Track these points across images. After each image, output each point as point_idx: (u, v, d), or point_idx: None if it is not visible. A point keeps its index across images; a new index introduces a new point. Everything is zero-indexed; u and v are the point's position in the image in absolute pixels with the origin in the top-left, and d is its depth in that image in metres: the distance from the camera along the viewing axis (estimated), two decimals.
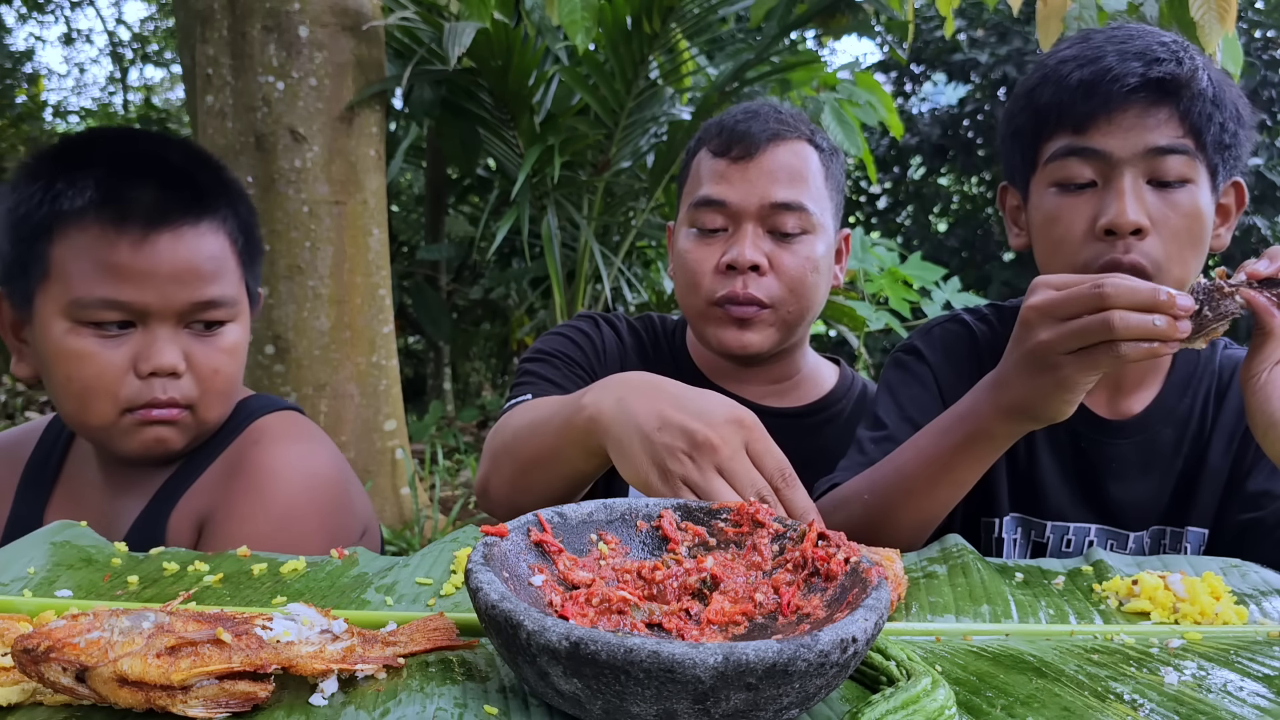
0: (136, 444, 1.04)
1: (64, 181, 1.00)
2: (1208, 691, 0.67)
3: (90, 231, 0.99)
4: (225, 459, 1.11)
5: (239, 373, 1.10)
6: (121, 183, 1.00)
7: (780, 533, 0.74)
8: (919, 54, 6.19)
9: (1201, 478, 1.17)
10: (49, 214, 1.00)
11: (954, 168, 6.51)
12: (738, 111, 1.32)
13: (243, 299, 1.10)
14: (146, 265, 0.99)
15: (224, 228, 1.06)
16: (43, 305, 1.01)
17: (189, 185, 1.04)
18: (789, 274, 1.27)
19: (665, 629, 0.67)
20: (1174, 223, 1.04)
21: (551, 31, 3.22)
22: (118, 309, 0.99)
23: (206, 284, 1.03)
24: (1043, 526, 1.19)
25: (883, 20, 3.79)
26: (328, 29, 2.89)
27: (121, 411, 1.02)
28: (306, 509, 1.08)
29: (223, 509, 1.06)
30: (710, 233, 1.29)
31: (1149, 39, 1.06)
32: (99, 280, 0.98)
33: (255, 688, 0.57)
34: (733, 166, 1.27)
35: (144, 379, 1.01)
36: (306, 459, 1.11)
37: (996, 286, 5.78)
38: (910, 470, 1.01)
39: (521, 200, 3.12)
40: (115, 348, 1.00)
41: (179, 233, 1.01)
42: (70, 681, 0.55)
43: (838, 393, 1.43)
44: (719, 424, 0.87)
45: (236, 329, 1.08)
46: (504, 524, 0.70)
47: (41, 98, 8.07)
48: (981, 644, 0.76)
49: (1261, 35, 5.89)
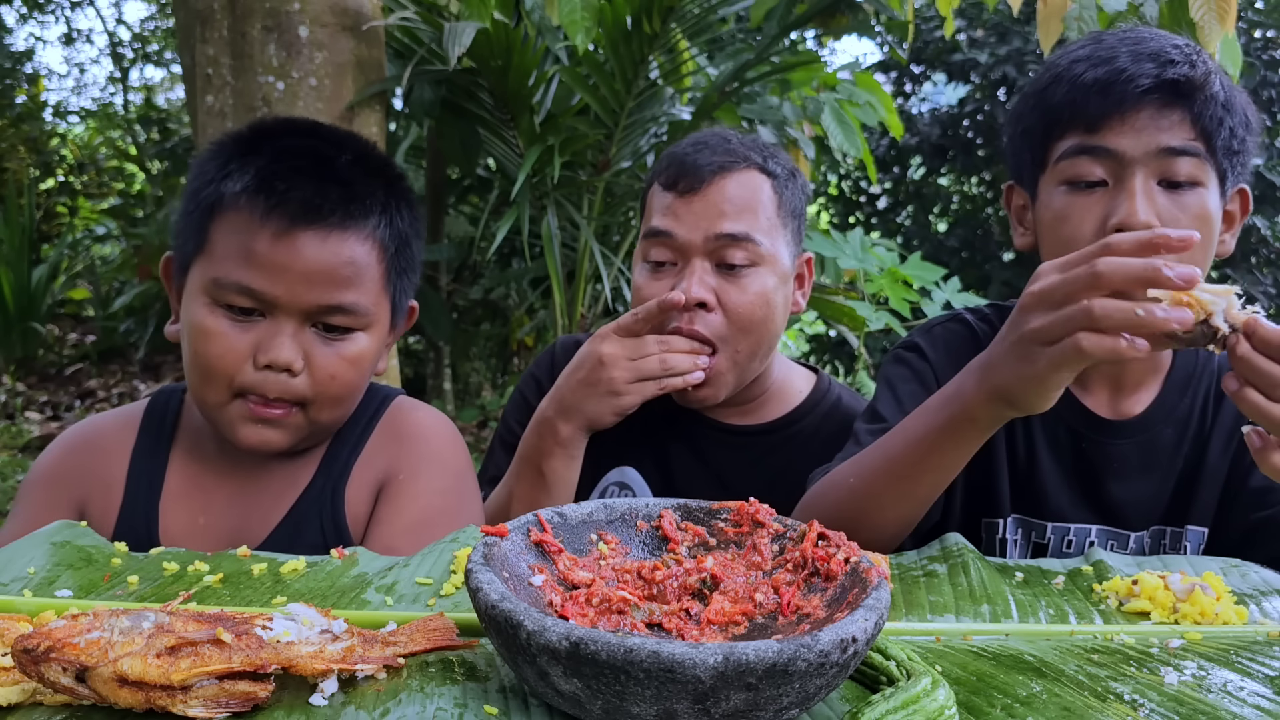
0: (243, 437, 1.04)
1: (236, 163, 1.03)
2: (1208, 691, 0.67)
3: (242, 216, 1.01)
4: (386, 427, 1.17)
5: (359, 382, 1.09)
6: (279, 175, 1.02)
7: (780, 533, 0.74)
8: (919, 54, 6.19)
9: (1201, 477, 1.17)
10: (215, 193, 1.03)
11: (954, 168, 6.50)
12: (688, 143, 1.32)
13: (380, 310, 1.09)
14: (282, 259, 1.00)
15: (374, 236, 1.06)
16: (193, 277, 1.04)
17: (345, 189, 1.04)
18: (737, 311, 1.25)
19: (665, 629, 0.67)
20: (1183, 224, 1.03)
21: (551, 31, 3.22)
22: (248, 295, 1.01)
23: (338, 289, 1.03)
24: (1043, 527, 1.19)
25: (883, 20, 3.79)
26: (328, 29, 2.89)
27: (234, 395, 1.02)
28: (468, 469, 1.19)
29: (406, 469, 1.13)
30: (660, 266, 1.29)
31: (1162, 41, 1.06)
32: (238, 264, 1.01)
33: (255, 688, 0.57)
34: (680, 200, 1.26)
35: (260, 370, 1.01)
36: (454, 428, 1.22)
37: (996, 286, 5.77)
38: (896, 453, 1.01)
39: (521, 200, 3.12)
40: (242, 332, 1.02)
41: (322, 234, 1.02)
42: (70, 681, 0.55)
43: (806, 407, 1.40)
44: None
45: (365, 339, 1.07)
46: (504, 524, 0.70)
47: (41, 98, 8.06)
48: (981, 644, 0.76)
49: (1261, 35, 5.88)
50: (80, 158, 8.09)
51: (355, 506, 1.12)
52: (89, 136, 8.37)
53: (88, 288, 6.60)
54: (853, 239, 3.56)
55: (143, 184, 7.43)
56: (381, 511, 1.11)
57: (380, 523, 1.10)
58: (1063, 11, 2.70)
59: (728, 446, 1.36)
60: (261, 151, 1.04)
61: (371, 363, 1.10)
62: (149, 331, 5.52)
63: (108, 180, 7.92)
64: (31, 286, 6.00)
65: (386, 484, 1.13)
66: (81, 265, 6.75)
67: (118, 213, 7.02)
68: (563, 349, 1.47)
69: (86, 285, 6.63)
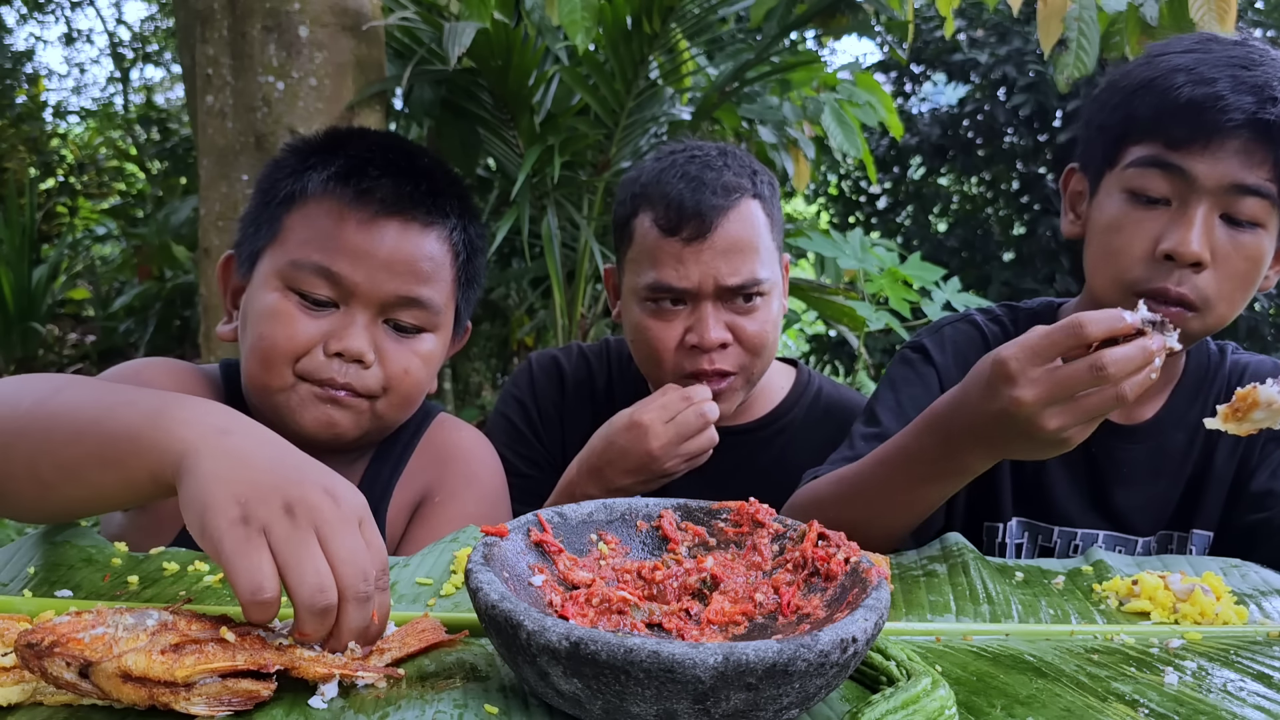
0: (309, 419, 1.02)
1: (317, 158, 1.05)
2: (1208, 691, 0.67)
3: (325, 204, 1.02)
4: (427, 446, 1.17)
5: (427, 382, 1.09)
6: (366, 167, 1.03)
7: (780, 533, 0.75)
8: (919, 54, 6.18)
9: (1208, 481, 1.17)
10: (294, 185, 1.04)
11: (954, 168, 6.50)
12: (677, 176, 1.26)
13: (448, 313, 1.09)
14: (367, 246, 1.01)
15: (450, 238, 1.07)
16: (263, 266, 1.04)
17: (430, 185, 1.05)
18: (751, 341, 1.28)
19: (665, 629, 0.67)
20: (1235, 263, 1.01)
21: (551, 31, 3.22)
22: (326, 279, 1.00)
23: (418, 282, 1.03)
24: (1050, 531, 1.18)
25: (883, 20, 3.78)
26: (328, 29, 2.89)
27: (298, 378, 1.01)
28: (504, 493, 1.19)
29: (444, 491, 1.13)
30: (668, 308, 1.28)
31: (1271, 72, 1.01)
32: (318, 248, 1.01)
33: (258, 686, 0.57)
34: (686, 249, 1.24)
35: (329, 357, 1.01)
36: (493, 450, 1.22)
37: (996, 286, 5.77)
38: (886, 477, 0.99)
39: (521, 200, 3.12)
40: (313, 319, 1.01)
41: (406, 226, 1.03)
42: (73, 677, 0.55)
43: (789, 401, 1.44)
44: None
45: (434, 340, 1.07)
46: (504, 524, 0.70)
47: (41, 98, 8.06)
48: (981, 644, 0.76)
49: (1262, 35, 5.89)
50: (80, 158, 8.08)
51: (393, 527, 1.12)
52: (89, 136, 8.36)
53: (88, 288, 6.60)
54: (853, 239, 3.55)
55: (143, 184, 7.43)
56: (415, 531, 1.11)
57: (412, 541, 1.10)
58: (1063, 11, 2.70)
59: (719, 448, 1.38)
60: (344, 148, 1.06)
61: (437, 366, 1.10)
62: (149, 331, 5.52)
63: (108, 180, 7.92)
64: (31, 286, 6.00)
65: (424, 503, 1.13)
66: (81, 265, 6.74)
67: (118, 213, 7.02)
68: (540, 368, 1.48)
69: (86, 285, 6.63)
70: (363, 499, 0.66)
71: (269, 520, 0.60)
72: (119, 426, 0.70)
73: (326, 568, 0.60)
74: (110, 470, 0.70)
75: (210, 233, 2.86)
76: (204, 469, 0.63)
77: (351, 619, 0.61)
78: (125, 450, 0.69)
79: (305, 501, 0.61)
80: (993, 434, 0.88)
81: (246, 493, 0.61)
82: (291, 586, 0.59)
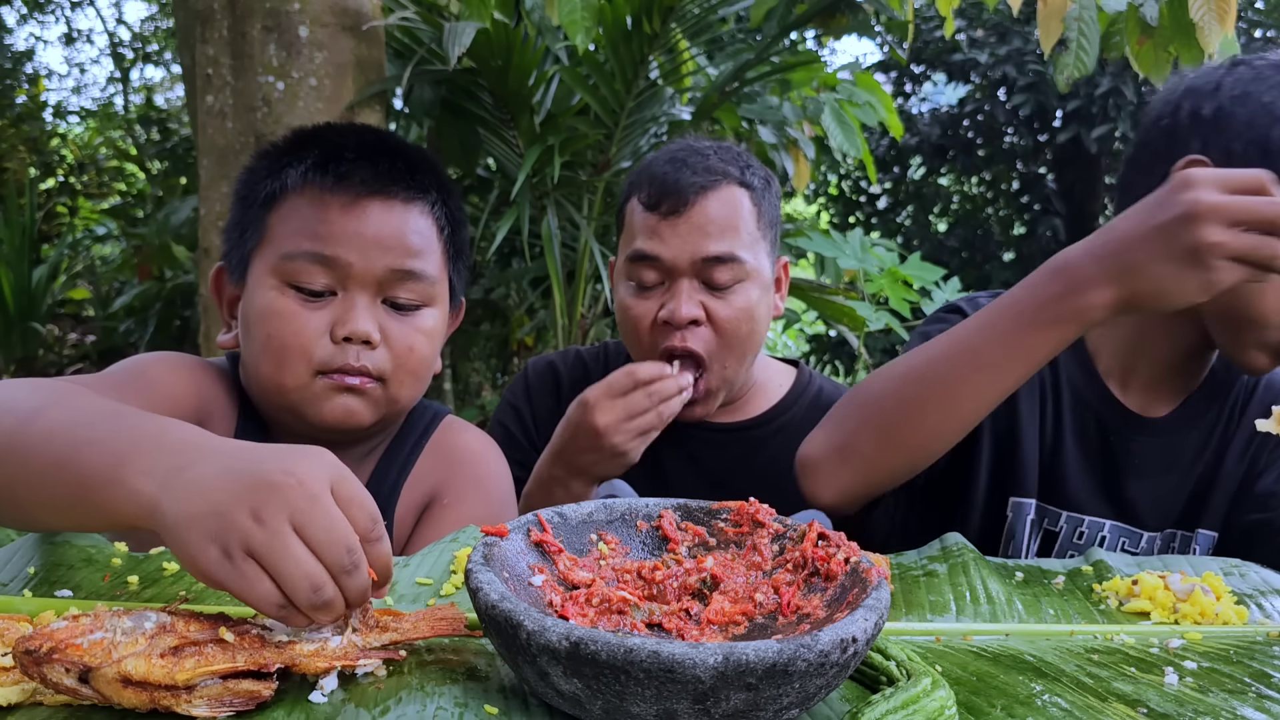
0: (328, 411, 1.02)
1: (290, 157, 1.06)
2: (1208, 692, 0.67)
3: (307, 195, 1.04)
4: (434, 448, 1.17)
5: (432, 357, 1.10)
6: (340, 155, 1.05)
7: (780, 533, 0.75)
8: (919, 54, 6.18)
9: (1217, 482, 1.18)
10: (272, 186, 1.06)
11: (954, 168, 6.51)
12: (665, 159, 1.32)
13: (443, 285, 1.11)
14: (354, 226, 1.02)
15: (433, 212, 1.09)
16: (255, 268, 1.05)
17: (404, 162, 1.07)
18: (725, 327, 1.29)
19: (665, 629, 0.67)
20: None
21: (551, 31, 3.22)
22: (321, 265, 1.01)
23: (410, 255, 1.05)
24: (1057, 515, 1.19)
25: (883, 20, 3.78)
26: (328, 29, 2.89)
27: (314, 374, 1.02)
28: (510, 496, 1.20)
29: (450, 494, 1.14)
30: (647, 287, 1.31)
31: None
32: (308, 237, 1.02)
33: (259, 686, 0.57)
34: (664, 222, 1.28)
35: (338, 344, 1.02)
36: (500, 453, 1.22)
37: (996, 286, 5.78)
38: (963, 342, 0.99)
39: (521, 200, 3.12)
40: (315, 310, 1.02)
41: (389, 203, 1.05)
42: (73, 682, 0.55)
43: (790, 399, 1.45)
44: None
45: (434, 314, 1.09)
46: (504, 524, 0.70)
47: (41, 98, 8.06)
48: (981, 644, 0.76)
49: (1261, 35, 5.89)
50: (80, 158, 8.08)
51: (401, 528, 1.13)
52: (89, 136, 8.37)
53: (88, 288, 6.60)
54: (853, 239, 3.55)
55: (143, 184, 7.42)
56: (423, 532, 1.12)
57: (419, 543, 1.10)
58: (1063, 12, 2.70)
59: (717, 445, 1.39)
60: (315, 142, 1.08)
61: (440, 340, 1.11)
62: (149, 331, 5.52)
63: (108, 180, 7.92)
64: (31, 286, 6.01)
65: (431, 505, 1.14)
66: (81, 265, 6.75)
67: (118, 213, 7.01)
68: (535, 374, 1.50)
69: (86, 285, 6.63)
70: (326, 456, 0.65)
71: (245, 538, 0.59)
72: (85, 472, 0.69)
73: (312, 561, 0.60)
74: (83, 509, 0.70)
75: (210, 232, 2.86)
76: (171, 519, 0.62)
77: (349, 591, 0.62)
78: (93, 498, 0.69)
79: (269, 499, 0.60)
80: (1135, 259, 0.88)
81: (214, 525, 0.60)
82: (287, 593, 0.59)
